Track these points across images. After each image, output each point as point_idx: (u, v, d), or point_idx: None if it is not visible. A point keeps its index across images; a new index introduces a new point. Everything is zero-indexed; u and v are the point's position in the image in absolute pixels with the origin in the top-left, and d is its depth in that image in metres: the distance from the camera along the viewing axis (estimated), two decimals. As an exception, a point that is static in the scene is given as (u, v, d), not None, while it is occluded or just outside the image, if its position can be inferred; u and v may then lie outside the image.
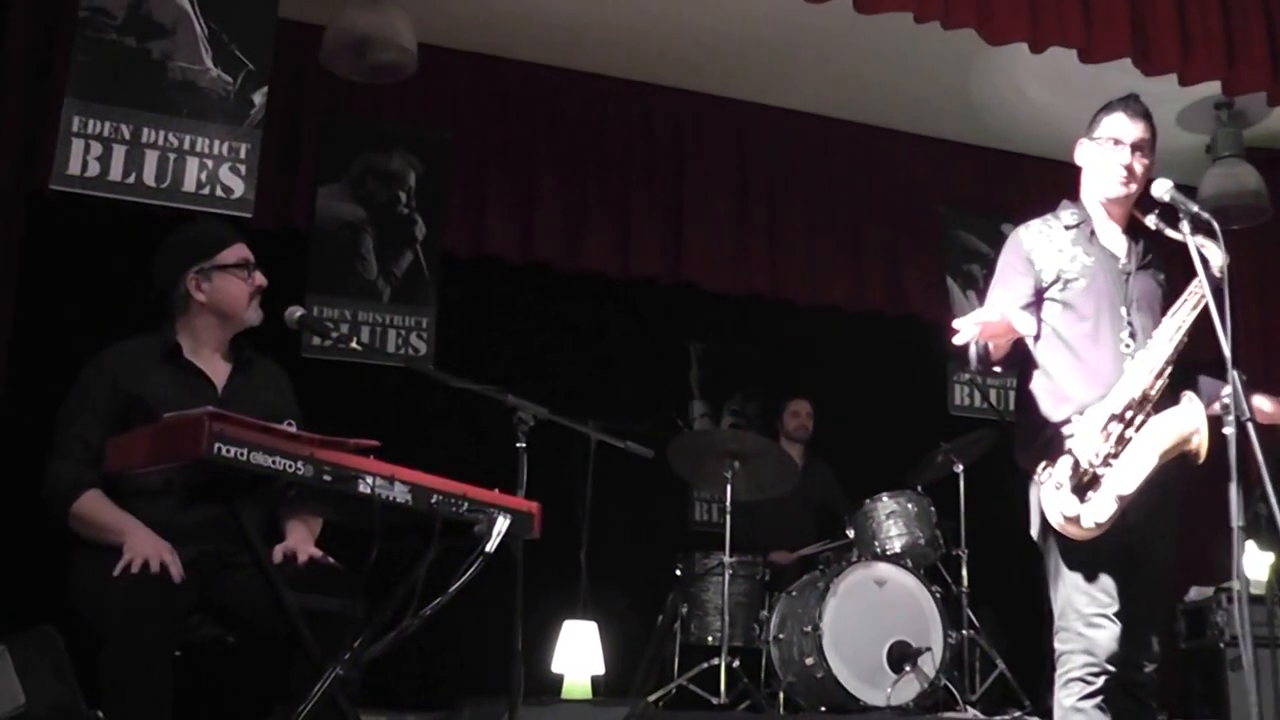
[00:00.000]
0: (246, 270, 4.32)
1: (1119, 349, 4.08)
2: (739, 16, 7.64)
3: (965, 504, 7.53)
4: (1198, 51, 6.88)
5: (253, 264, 4.34)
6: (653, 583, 7.55)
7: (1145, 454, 3.86)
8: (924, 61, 7.94)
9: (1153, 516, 3.98)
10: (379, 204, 7.82)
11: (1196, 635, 7.68)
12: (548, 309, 8.52)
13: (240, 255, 4.34)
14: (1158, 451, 3.87)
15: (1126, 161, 4.20)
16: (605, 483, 7.13)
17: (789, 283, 8.69)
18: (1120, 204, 4.26)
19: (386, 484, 3.46)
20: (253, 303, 4.32)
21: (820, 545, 7.60)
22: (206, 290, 4.28)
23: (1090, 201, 4.31)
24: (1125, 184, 4.21)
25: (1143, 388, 3.93)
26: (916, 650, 6.55)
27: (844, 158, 8.93)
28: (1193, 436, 3.90)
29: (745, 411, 9.47)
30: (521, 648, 4.27)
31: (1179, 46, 6.83)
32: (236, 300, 4.29)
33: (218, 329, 4.32)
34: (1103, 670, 3.87)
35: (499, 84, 8.14)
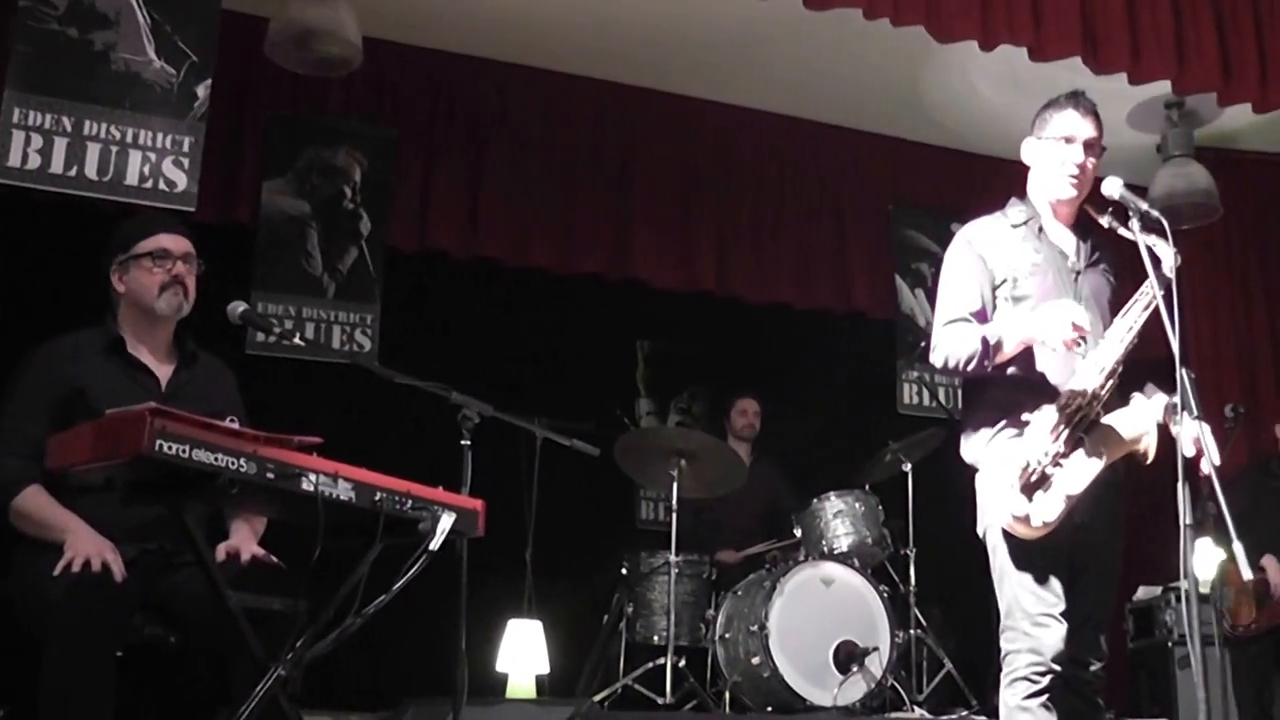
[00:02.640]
0: (153, 259, 4.24)
1: (1070, 348, 4.06)
2: (688, 13, 7.63)
3: (913, 503, 7.56)
4: (1148, 51, 6.91)
5: (173, 254, 4.27)
6: (598, 582, 7.52)
7: (1094, 454, 3.84)
8: (873, 59, 7.96)
9: (1100, 516, 3.97)
10: (324, 199, 7.77)
11: (1144, 634, 7.73)
12: (493, 306, 8.46)
13: (155, 245, 4.26)
14: (1107, 452, 3.85)
15: (1078, 159, 4.17)
16: (551, 481, 7.10)
17: (737, 280, 8.69)
18: (1070, 202, 4.24)
19: (330, 481, 3.42)
20: (165, 293, 4.24)
21: (767, 544, 7.59)
22: (126, 282, 4.26)
23: (1038, 199, 4.29)
24: (1075, 182, 4.19)
25: (1093, 387, 3.91)
26: (863, 650, 6.54)
27: (793, 155, 8.93)
28: (1142, 437, 3.89)
29: (692, 410, 9.44)
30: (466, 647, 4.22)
31: (1129, 45, 6.86)
32: (146, 290, 4.23)
33: (145, 321, 4.27)
34: (1049, 669, 3.86)
35: (445, 79, 8.10)
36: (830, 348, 9.05)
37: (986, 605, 5.97)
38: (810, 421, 8.90)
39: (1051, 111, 4.26)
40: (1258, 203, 8.81)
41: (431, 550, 3.54)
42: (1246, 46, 7.17)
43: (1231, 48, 7.14)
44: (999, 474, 3.91)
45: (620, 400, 8.79)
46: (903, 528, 7.48)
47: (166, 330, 4.32)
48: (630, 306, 8.82)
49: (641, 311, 8.94)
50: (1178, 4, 7.04)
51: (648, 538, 8.34)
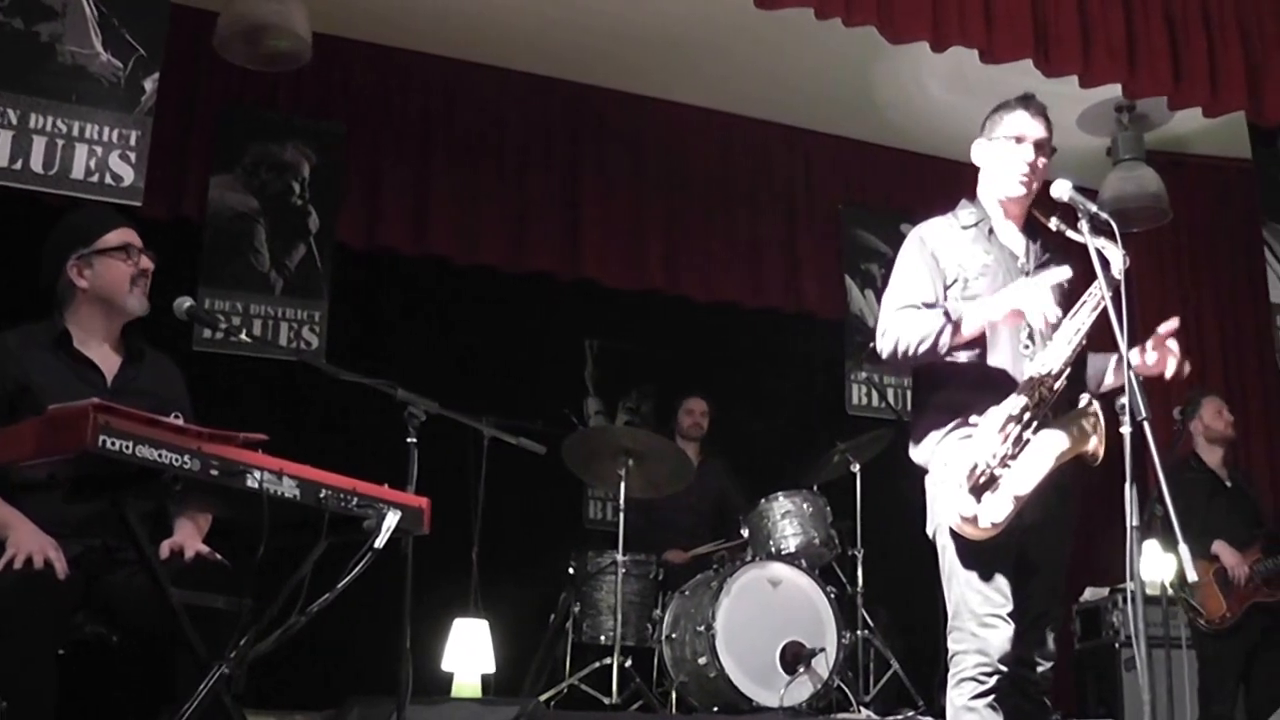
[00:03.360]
0: (127, 254, 4.22)
1: (1018, 350, 4.06)
2: (639, 11, 7.65)
3: (861, 504, 7.55)
4: (1099, 54, 6.95)
5: (137, 248, 4.24)
6: (545, 581, 7.48)
7: (1043, 456, 3.84)
8: (825, 59, 8.00)
9: (1049, 517, 3.97)
10: (272, 195, 7.74)
11: (1091, 635, 7.79)
12: (442, 304, 8.43)
13: (122, 239, 4.23)
14: (1055, 453, 3.85)
15: (1030, 159, 4.17)
16: (499, 480, 7.07)
17: (686, 279, 8.72)
18: (1020, 203, 4.24)
19: (275, 479, 3.39)
20: (135, 288, 4.21)
21: (715, 545, 7.60)
22: (89, 276, 4.19)
23: (989, 201, 4.29)
24: (1027, 182, 4.19)
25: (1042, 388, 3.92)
26: (810, 651, 6.52)
27: (744, 154, 8.96)
28: (1090, 438, 3.90)
29: (641, 409, 9.42)
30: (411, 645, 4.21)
31: (1081, 49, 6.90)
32: (118, 284, 4.19)
33: (103, 317, 4.22)
34: (995, 670, 3.85)
35: (395, 75, 8.09)
36: (779, 348, 9.08)
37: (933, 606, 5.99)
38: (759, 422, 8.90)
39: (1002, 113, 4.27)
40: (1207, 206, 8.88)
41: (376, 548, 3.52)
42: (1197, 51, 7.22)
43: (1182, 52, 7.19)
44: (948, 475, 3.90)
45: (569, 399, 8.77)
46: (851, 528, 7.47)
47: (119, 326, 4.27)
48: (579, 305, 8.81)
49: (590, 310, 8.93)
50: (1129, 8, 7.08)
51: (596, 537, 8.29)
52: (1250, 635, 7.00)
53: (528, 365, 8.62)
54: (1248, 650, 7.00)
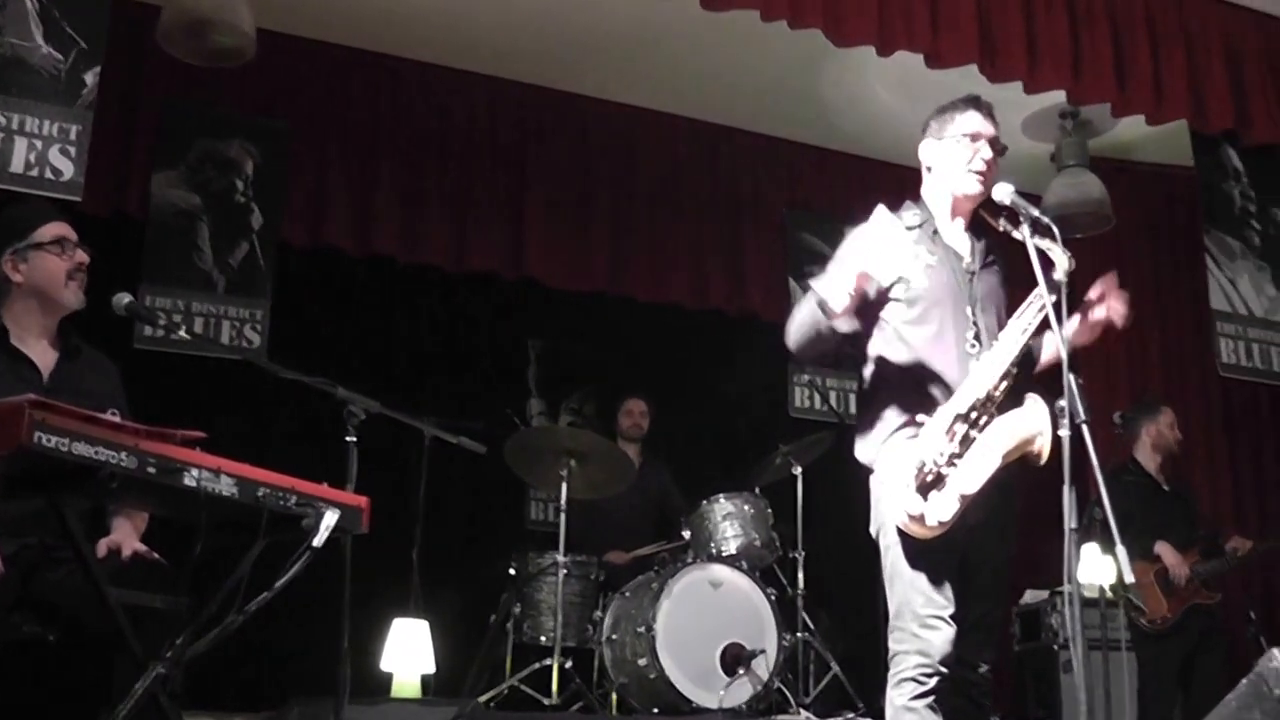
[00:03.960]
0: (62, 248, 4.18)
1: (964, 349, 4.06)
2: (585, 11, 7.65)
3: (803, 506, 7.54)
4: (1044, 60, 6.98)
5: (71, 242, 4.20)
6: (487, 581, 7.45)
7: (989, 454, 3.85)
8: (771, 62, 8.01)
9: (993, 518, 3.97)
10: (215, 192, 7.69)
11: (1031, 637, 7.84)
12: (386, 302, 8.40)
13: (56, 233, 4.20)
14: (1001, 452, 3.86)
15: (987, 157, 4.20)
16: (442, 480, 7.05)
17: (631, 280, 8.73)
18: (973, 201, 4.25)
19: (212, 477, 3.36)
20: (71, 282, 4.18)
21: (656, 546, 7.58)
22: (24, 271, 4.15)
23: (935, 201, 4.29)
24: (984, 179, 4.20)
25: (987, 388, 3.92)
26: (750, 652, 6.53)
27: (689, 156, 8.96)
28: (1036, 438, 3.89)
29: (583, 410, 9.42)
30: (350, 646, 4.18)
31: (1026, 55, 6.92)
32: (53, 278, 4.16)
33: (39, 312, 4.19)
34: (936, 671, 3.85)
35: (340, 73, 8.05)
36: (723, 350, 9.06)
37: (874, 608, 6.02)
38: (701, 423, 8.90)
39: (952, 113, 4.28)
40: (1150, 213, 8.94)
41: (315, 547, 3.50)
42: (1141, 59, 7.26)
43: (1126, 60, 7.23)
44: (894, 474, 3.90)
45: (511, 400, 8.75)
46: (792, 531, 7.47)
47: (55, 321, 4.24)
48: (523, 305, 8.80)
49: (534, 311, 8.92)
50: (1074, 15, 7.11)
51: (537, 538, 8.30)
52: (1189, 637, 7.06)
53: (471, 365, 8.62)
54: (1186, 652, 7.06)
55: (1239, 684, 3.82)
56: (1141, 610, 7.06)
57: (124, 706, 3.24)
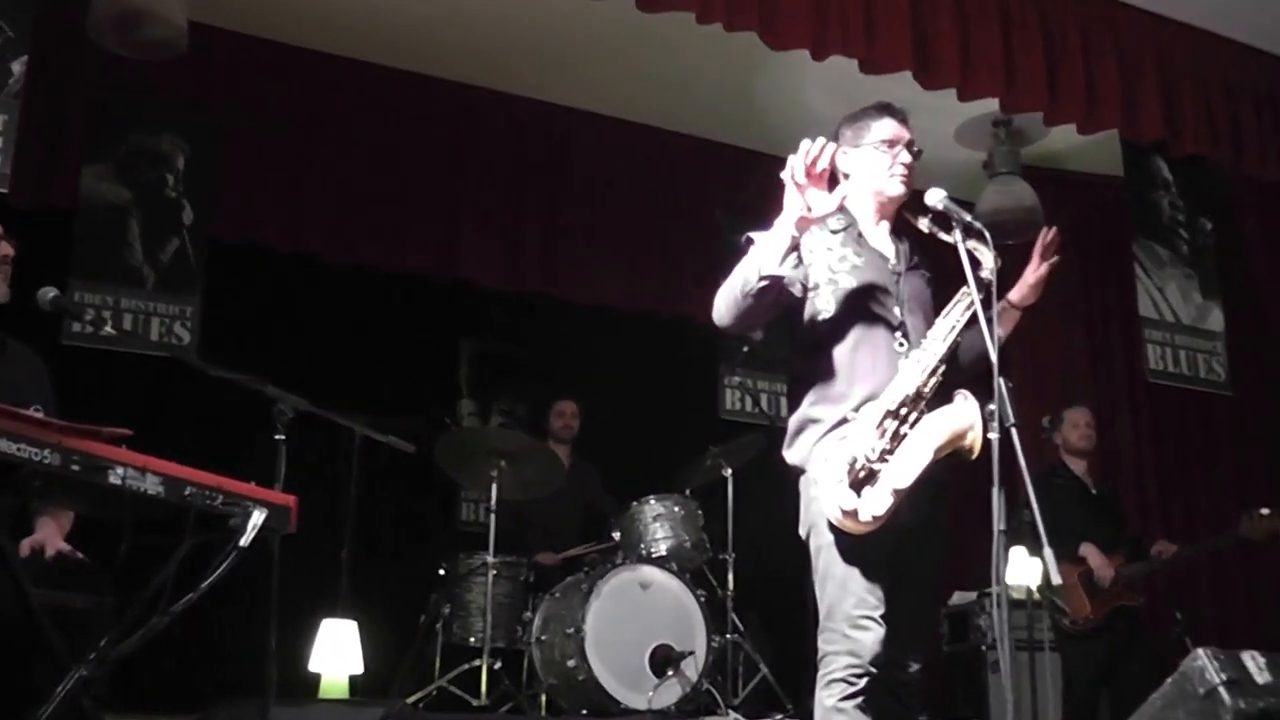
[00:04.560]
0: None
1: (893, 348, 4.06)
2: (521, 11, 7.61)
3: (733, 508, 7.55)
4: (978, 69, 7.03)
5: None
6: (416, 582, 7.43)
7: (920, 449, 3.86)
8: (707, 65, 8.01)
9: (924, 519, 3.96)
10: (146, 186, 7.58)
11: (959, 638, 7.90)
12: (317, 301, 8.34)
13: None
14: (932, 447, 3.86)
15: (907, 160, 4.25)
16: (373, 480, 7.02)
17: (564, 282, 8.70)
18: (894, 205, 4.28)
19: (138, 475, 3.33)
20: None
21: (586, 547, 7.59)
22: None
23: (858, 206, 4.30)
24: (906, 179, 4.24)
25: (916, 385, 3.92)
26: (680, 654, 6.54)
27: (624, 158, 8.94)
28: (967, 433, 3.90)
29: (515, 411, 9.41)
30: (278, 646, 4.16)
31: (959, 63, 6.96)
32: None
33: None
34: (866, 672, 3.82)
35: (273, 69, 7.96)
36: (654, 351, 9.06)
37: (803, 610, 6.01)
38: (632, 425, 8.90)
39: (867, 120, 4.31)
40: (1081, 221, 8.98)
41: (242, 547, 3.47)
42: (1074, 69, 7.33)
43: (1059, 70, 7.30)
44: (826, 472, 3.89)
45: (443, 400, 8.72)
46: (722, 532, 7.47)
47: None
48: (455, 305, 8.77)
49: (466, 311, 8.90)
50: (1007, 24, 7.17)
51: (468, 539, 8.25)
52: (1113, 638, 7.13)
53: (402, 365, 8.57)
54: (1110, 652, 7.12)
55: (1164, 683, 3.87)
56: (1064, 612, 7.15)
57: (45, 710, 3.21)
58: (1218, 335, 8.18)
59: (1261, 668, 3.76)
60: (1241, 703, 3.60)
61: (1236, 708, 3.58)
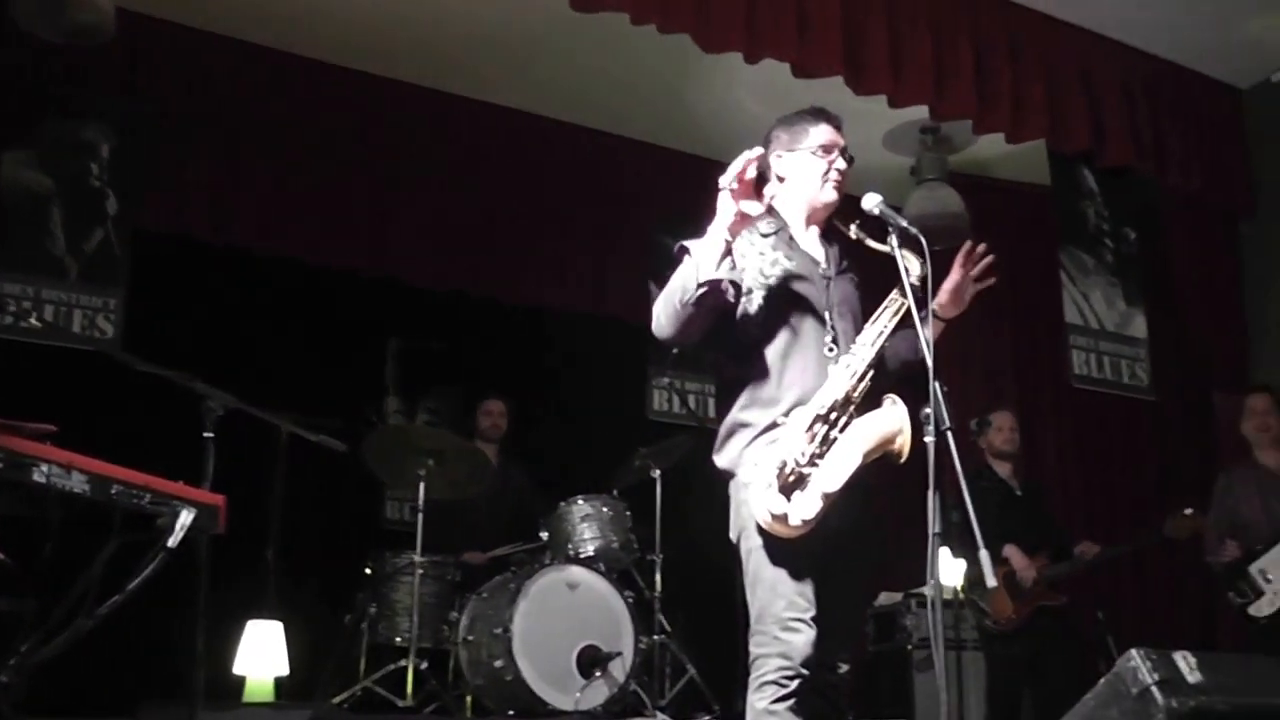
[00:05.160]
0: None
1: (822, 353, 4.09)
2: (455, 10, 7.58)
3: (661, 509, 7.55)
4: (909, 75, 7.10)
5: None
6: (342, 581, 7.36)
7: (850, 453, 3.88)
8: (640, 66, 8.03)
9: (855, 521, 3.97)
10: (69, 175, 7.45)
11: (885, 638, 7.93)
12: (244, 295, 8.23)
13: None
14: (861, 451, 3.88)
15: (842, 166, 4.28)
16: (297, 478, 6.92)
17: (493, 280, 8.67)
18: (827, 210, 4.31)
19: (63, 473, 3.27)
20: None
21: (513, 547, 7.55)
22: None
23: (789, 210, 4.33)
24: (840, 188, 4.28)
25: (846, 390, 3.94)
26: (607, 655, 6.54)
27: (556, 158, 8.91)
28: (896, 437, 3.93)
29: (441, 409, 9.33)
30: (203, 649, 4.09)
31: (890, 69, 7.03)
32: None
33: None
34: (797, 674, 3.83)
35: (203, 59, 7.84)
36: (583, 351, 9.04)
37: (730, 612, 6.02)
38: (560, 424, 8.87)
39: (804, 125, 4.35)
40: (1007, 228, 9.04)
41: (170, 547, 3.41)
42: (1002, 79, 7.43)
43: (988, 79, 7.39)
44: (756, 476, 3.90)
45: (369, 397, 8.66)
46: (650, 533, 7.47)
47: None
48: (384, 302, 8.69)
49: (395, 307, 8.81)
50: (938, 33, 7.25)
51: (394, 538, 8.17)
52: (1036, 638, 7.19)
53: (328, 362, 8.48)
54: (1033, 652, 7.18)
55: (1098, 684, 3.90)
56: (987, 612, 7.22)
57: (-38, 715, 3.15)
58: (1141, 342, 8.26)
59: (1193, 667, 3.79)
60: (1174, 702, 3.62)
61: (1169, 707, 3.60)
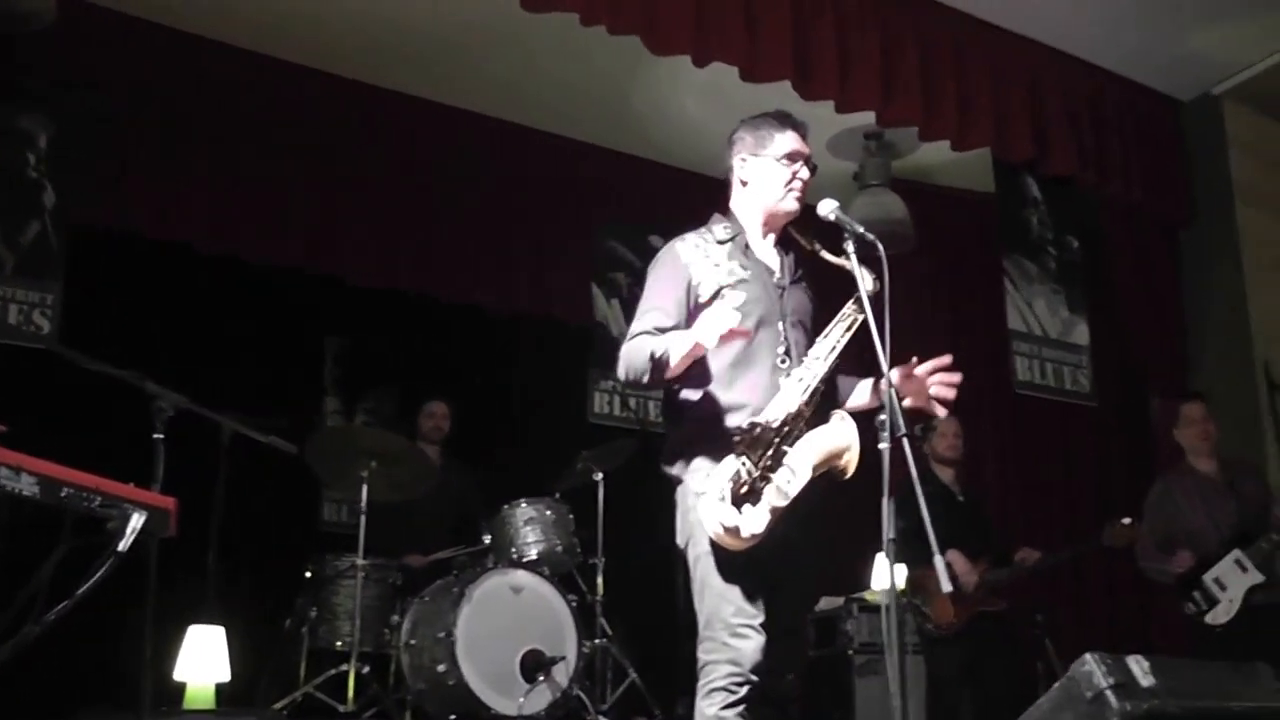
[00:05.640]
0: None
1: (775, 364, 4.10)
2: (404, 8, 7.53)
3: (603, 513, 7.54)
4: (856, 82, 7.11)
5: None
6: (283, 585, 7.29)
7: (800, 467, 3.90)
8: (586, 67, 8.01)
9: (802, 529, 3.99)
10: (4, 165, 7.28)
11: (826, 643, 7.94)
12: (184, 292, 8.12)
13: None
14: (811, 465, 3.90)
15: (805, 177, 4.28)
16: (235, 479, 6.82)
17: (435, 280, 8.60)
18: (786, 219, 4.32)
19: (11, 475, 3.19)
20: None
21: (455, 550, 7.51)
22: None
23: (747, 216, 4.33)
24: (800, 197, 4.28)
25: (798, 404, 3.96)
26: (550, 659, 6.51)
27: (498, 157, 8.83)
28: (844, 453, 3.96)
29: (380, 410, 9.27)
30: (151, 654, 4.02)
31: (838, 75, 7.04)
32: None
33: None
34: (747, 680, 3.87)
35: (150, 51, 7.68)
36: (525, 353, 9.00)
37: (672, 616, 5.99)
38: (502, 427, 8.82)
39: (771, 130, 4.33)
40: (949, 236, 9.12)
41: (121, 552, 3.34)
42: (948, 87, 7.46)
43: (934, 87, 7.41)
44: (706, 486, 3.91)
45: (308, 397, 8.58)
46: (592, 537, 7.47)
47: None
48: (324, 300, 8.61)
49: (334, 306, 8.73)
50: (886, 40, 7.28)
51: (332, 540, 8.10)
52: (976, 642, 7.21)
53: (267, 361, 8.39)
54: (973, 656, 7.20)
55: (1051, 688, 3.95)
56: (928, 617, 7.24)
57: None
58: (1083, 349, 8.31)
59: (1146, 671, 3.86)
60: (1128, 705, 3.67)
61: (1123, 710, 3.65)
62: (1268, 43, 8.12)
